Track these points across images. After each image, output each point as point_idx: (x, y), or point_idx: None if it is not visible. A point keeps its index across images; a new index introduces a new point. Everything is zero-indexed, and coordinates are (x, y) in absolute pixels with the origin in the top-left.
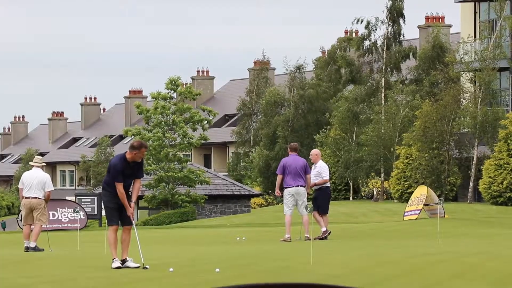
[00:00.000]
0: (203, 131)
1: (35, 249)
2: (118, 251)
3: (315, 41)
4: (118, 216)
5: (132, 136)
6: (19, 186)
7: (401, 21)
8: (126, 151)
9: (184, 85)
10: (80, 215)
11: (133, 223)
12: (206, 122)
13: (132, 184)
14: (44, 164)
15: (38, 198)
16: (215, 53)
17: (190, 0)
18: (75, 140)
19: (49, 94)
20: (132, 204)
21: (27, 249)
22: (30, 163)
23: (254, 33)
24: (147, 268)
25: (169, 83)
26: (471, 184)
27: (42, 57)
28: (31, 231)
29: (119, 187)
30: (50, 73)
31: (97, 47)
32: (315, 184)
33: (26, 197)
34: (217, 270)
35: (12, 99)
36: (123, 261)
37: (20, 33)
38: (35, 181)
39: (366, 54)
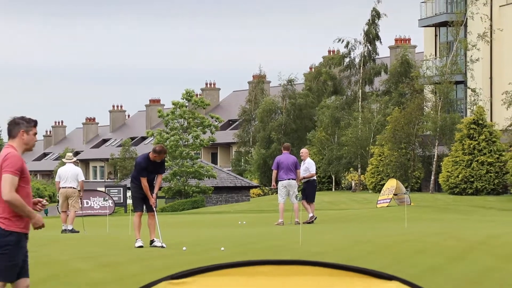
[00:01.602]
0: (211, 134)
1: (72, 231)
2: (141, 233)
3: (305, 59)
4: (143, 204)
5: (153, 136)
6: (56, 180)
7: (376, 42)
8: (150, 152)
9: (197, 95)
10: (109, 203)
11: (155, 210)
12: (213, 127)
13: (155, 178)
14: (74, 159)
15: (73, 188)
16: (221, 69)
17: (201, 24)
18: (104, 141)
19: (83, 102)
20: (154, 195)
21: (65, 231)
22: (63, 159)
23: (253, 52)
24: (164, 247)
25: (185, 94)
26: (432, 177)
27: (78, 72)
28: (67, 216)
29: (143, 181)
30: (84, 85)
31: (123, 63)
32: (304, 178)
33: (62, 187)
34: (222, 248)
35: (53, 107)
36: (151, 241)
37: (62, 51)
38: (69, 174)
39: (346, 70)
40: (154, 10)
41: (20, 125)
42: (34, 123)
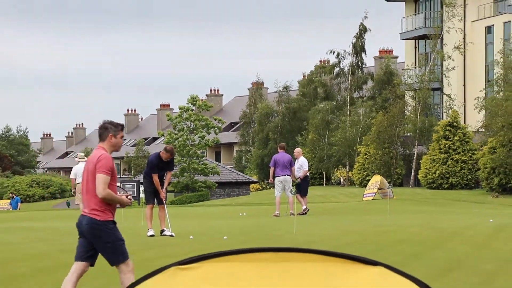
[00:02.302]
0: (215, 135)
1: None
2: (152, 224)
3: (299, 67)
4: (154, 197)
5: (163, 137)
6: (71, 177)
7: (363, 54)
8: (161, 151)
9: (201, 100)
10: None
11: (165, 203)
12: (217, 128)
13: (165, 175)
14: (85, 158)
15: None
16: (224, 76)
17: (206, 37)
18: None
19: (101, 106)
20: (164, 189)
21: None
22: (75, 159)
23: (252, 62)
24: (173, 236)
25: (190, 99)
26: (412, 174)
27: (97, 79)
28: None
29: (155, 177)
30: (102, 91)
31: (137, 71)
32: (299, 177)
33: (78, 183)
34: (225, 237)
35: (74, 111)
36: (162, 231)
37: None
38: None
39: (336, 78)
40: (165, 26)
41: (109, 129)
42: (121, 127)
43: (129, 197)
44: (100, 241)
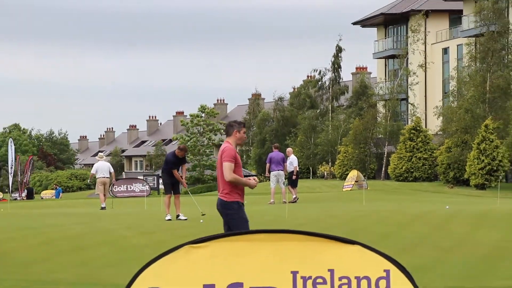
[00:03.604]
0: (221, 135)
1: (103, 208)
2: (170, 210)
3: (290, 81)
4: (171, 188)
5: (177, 140)
6: (92, 172)
7: (340, 70)
8: (176, 150)
9: (209, 108)
10: (146, 187)
11: (188, 191)
12: (221, 131)
13: (180, 168)
14: (105, 157)
15: (106, 177)
16: (228, 88)
17: (214, 57)
18: (143, 142)
19: (128, 113)
20: (184, 180)
21: (104, 208)
22: (96, 157)
23: (252, 76)
24: (186, 220)
25: (200, 108)
26: (383, 169)
27: (124, 90)
28: (104, 196)
29: (175, 172)
30: (128, 101)
31: (156, 84)
32: (292, 173)
33: (99, 177)
34: None
35: (105, 117)
36: (177, 216)
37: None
38: (104, 168)
39: (319, 90)
40: (180, 47)
41: (234, 126)
42: (243, 124)
43: (255, 179)
44: (227, 218)
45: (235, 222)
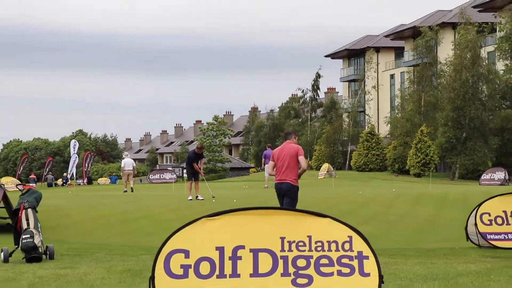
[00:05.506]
0: (229, 139)
1: (132, 190)
2: (191, 192)
3: (279, 98)
4: (192, 177)
5: (196, 141)
6: (121, 166)
7: (318, 90)
8: (195, 148)
9: (220, 118)
10: (174, 176)
11: (204, 178)
12: (229, 135)
13: (199, 162)
14: (129, 155)
15: (130, 170)
16: (234, 103)
17: (223, 79)
18: (171, 142)
19: (160, 122)
20: (201, 170)
21: (125, 191)
22: (123, 155)
23: (251, 94)
24: (203, 199)
25: (214, 117)
26: (347, 162)
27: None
28: (127, 183)
29: (194, 165)
30: (161, 113)
31: (182, 100)
32: None
33: (125, 170)
34: (235, 200)
35: (144, 124)
36: (197, 197)
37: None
38: (129, 163)
39: (302, 105)
40: (198, 72)
41: (292, 134)
42: (296, 133)
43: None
44: (291, 197)
45: (296, 200)
